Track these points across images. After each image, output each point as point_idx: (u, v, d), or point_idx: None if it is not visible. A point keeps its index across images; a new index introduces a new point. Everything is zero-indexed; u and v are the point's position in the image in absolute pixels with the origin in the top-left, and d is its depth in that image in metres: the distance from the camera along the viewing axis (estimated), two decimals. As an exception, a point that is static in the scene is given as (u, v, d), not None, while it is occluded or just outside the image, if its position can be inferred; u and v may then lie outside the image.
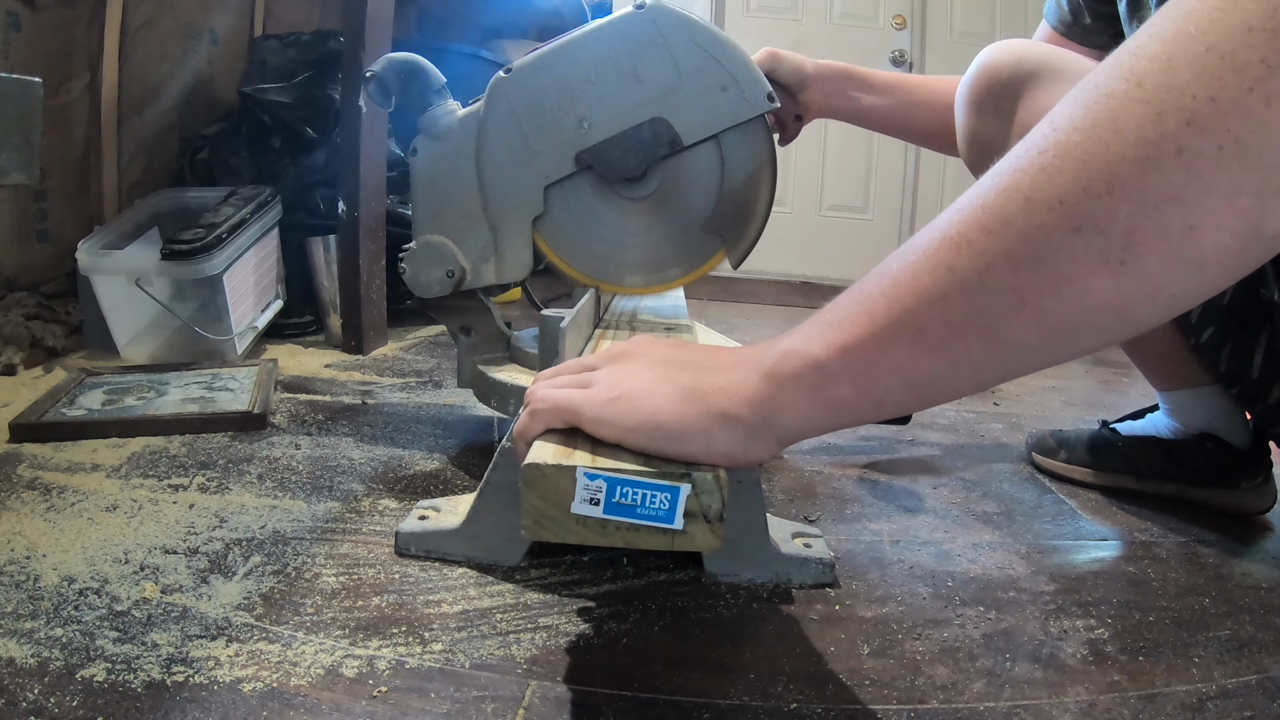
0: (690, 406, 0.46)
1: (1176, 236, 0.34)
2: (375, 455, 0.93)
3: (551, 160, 0.88)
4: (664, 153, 0.87)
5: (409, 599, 0.62)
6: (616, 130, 0.86)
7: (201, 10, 1.74)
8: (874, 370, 0.42)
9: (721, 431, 0.45)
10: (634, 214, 0.91)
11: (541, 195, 0.89)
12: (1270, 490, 0.89)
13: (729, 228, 0.90)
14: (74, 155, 1.50)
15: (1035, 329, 0.38)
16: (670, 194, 0.90)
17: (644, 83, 0.85)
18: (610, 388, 0.49)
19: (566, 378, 0.53)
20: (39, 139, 0.86)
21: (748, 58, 0.86)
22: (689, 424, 0.45)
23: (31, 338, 1.22)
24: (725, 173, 0.89)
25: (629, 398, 0.47)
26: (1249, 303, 0.80)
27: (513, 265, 0.92)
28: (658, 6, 0.85)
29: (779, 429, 0.45)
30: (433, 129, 0.90)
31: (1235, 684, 0.57)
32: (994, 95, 0.84)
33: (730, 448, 0.46)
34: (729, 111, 0.85)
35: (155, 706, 0.47)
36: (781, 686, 0.54)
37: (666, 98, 0.85)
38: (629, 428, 0.47)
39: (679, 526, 0.46)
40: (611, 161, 0.87)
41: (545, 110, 0.87)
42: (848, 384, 0.43)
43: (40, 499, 0.75)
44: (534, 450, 0.48)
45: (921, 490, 0.94)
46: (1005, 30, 2.85)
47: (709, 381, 0.47)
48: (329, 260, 1.46)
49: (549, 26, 2.68)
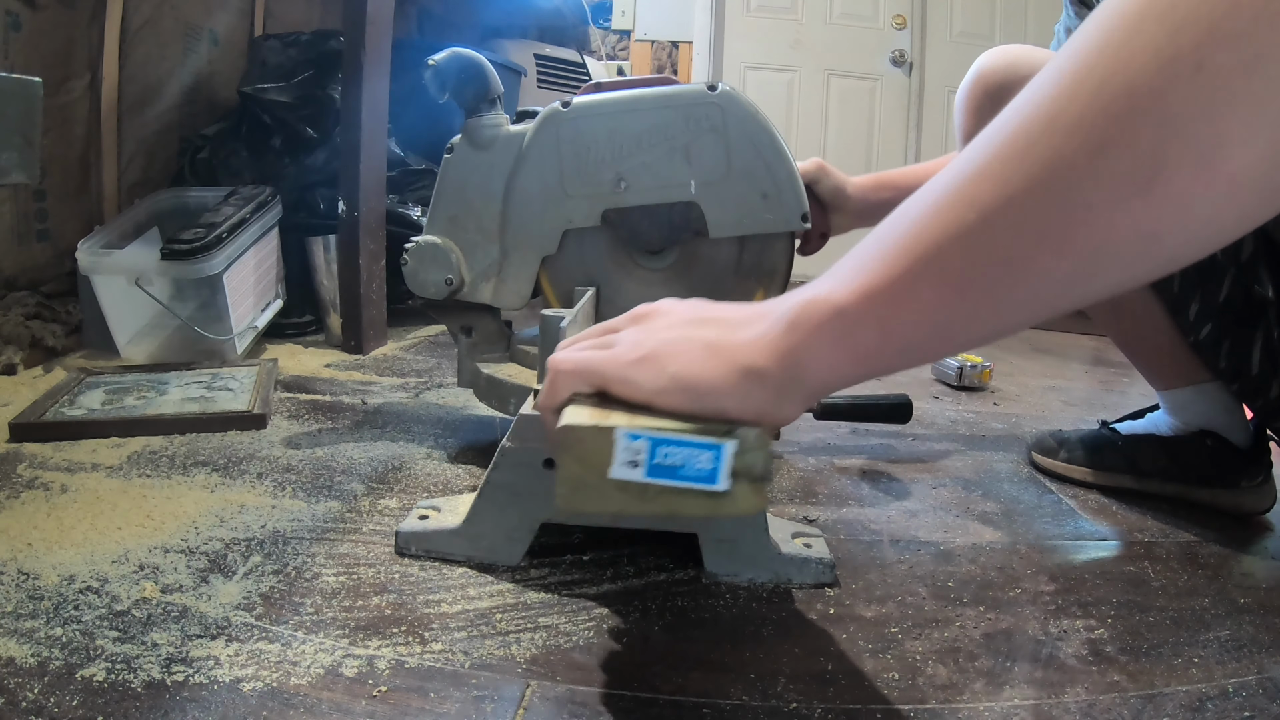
0: (718, 363, 0.44)
1: (1204, 154, 0.32)
2: (375, 455, 0.93)
3: (580, 208, 0.88)
4: (688, 238, 0.87)
5: (409, 599, 0.62)
6: (650, 200, 0.86)
7: (201, 10, 1.74)
8: (899, 314, 0.40)
9: (751, 387, 0.43)
10: (642, 282, 0.91)
11: (559, 237, 0.89)
12: (1270, 490, 0.89)
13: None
14: (74, 155, 1.49)
15: (1061, 261, 0.36)
16: (682, 272, 0.90)
17: (692, 164, 0.85)
18: (634, 347, 0.47)
19: (589, 341, 0.51)
20: (39, 139, 0.86)
21: (796, 172, 0.86)
22: (718, 381, 0.44)
23: (31, 337, 1.22)
24: (740, 266, 0.89)
25: (655, 357, 0.46)
26: (1245, 299, 0.80)
27: (511, 293, 0.92)
28: (730, 95, 0.84)
29: (807, 382, 0.43)
30: (476, 136, 0.89)
31: (1235, 684, 0.57)
32: (990, 98, 0.85)
33: (761, 405, 0.44)
34: (762, 220, 0.85)
35: (155, 706, 0.47)
36: (781, 686, 0.54)
37: (708, 186, 0.85)
38: (658, 389, 0.45)
39: (724, 488, 0.44)
40: (636, 229, 0.87)
41: (589, 158, 0.86)
42: (873, 330, 0.41)
43: (40, 498, 0.75)
44: (568, 413, 0.46)
45: (921, 490, 0.94)
46: (1005, 30, 2.86)
47: (734, 337, 0.45)
48: (329, 260, 1.46)
49: (549, 26, 2.68)
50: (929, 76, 2.96)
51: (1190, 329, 0.84)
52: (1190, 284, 0.82)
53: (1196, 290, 0.82)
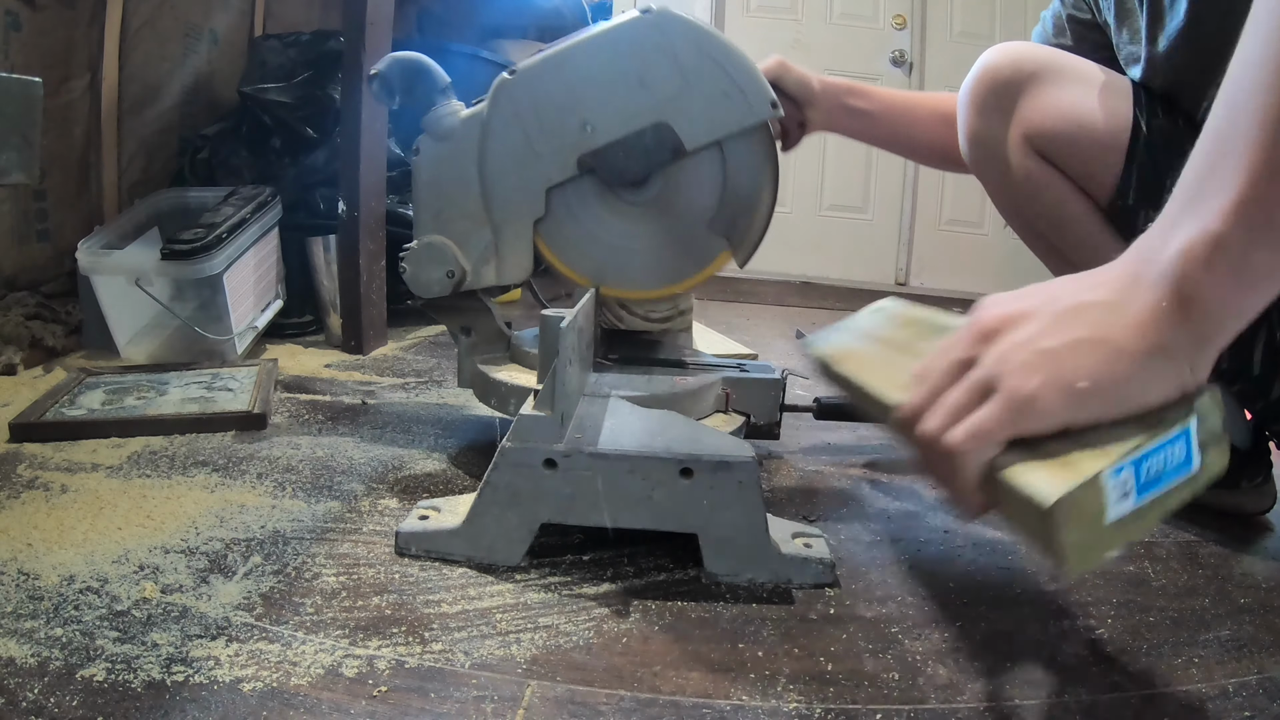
0: (1122, 358, 0.40)
1: None
2: (375, 455, 0.93)
3: (554, 163, 0.88)
4: (667, 158, 0.86)
5: (409, 599, 0.62)
6: (620, 134, 0.86)
7: (201, 10, 1.74)
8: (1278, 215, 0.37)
9: (1164, 366, 0.40)
10: (636, 218, 0.91)
11: (544, 198, 0.89)
12: (1270, 490, 0.89)
13: (733, 230, 0.90)
14: (74, 155, 1.50)
15: None
16: (673, 198, 0.90)
17: (648, 88, 0.85)
18: (1023, 377, 0.42)
19: (945, 386, 0.45)
20: (39, 139, 0.86)
21: (753, 65, 0.86)
22: (1132, 377, 0.40)
23: (31, 337, 1.23)
24: (728, 177, 0.89)
25: (1053, 381, 0.41)
26: None
27: (513, 267, 0.92)
28: (664, 13, 0.85)
29: (1217, 335, 0.40)
30: (436, 129, 0.90)
31: (1235, 684, 0.57)
32: (995, 95, 0.85)
33: (1180, 378, 0.41)
34: (732, 118, 0.85)
35: (155, 706, 0.47)
36: (781, 686, 0.54)
37: (671, 103, 0.85)
38: (1074, 411, 0.41)
39: (1197, 466, 0.42)
40: (614, 165, 0.87)
41: (549, 113, 0.87)
42: (1264, 245, 0.37)
43: (40, 498, 0.75)
44: (1032, 487, 0.41)
45: (922, 490, 0.94)
46: (1005, 30, 2.85)
47: (1122, 320, 0.41)
48: (329, 260, 1.46)
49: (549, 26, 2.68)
50: (929, 76, 2.96)
51: None
52: None
53: None
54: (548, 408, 0.66)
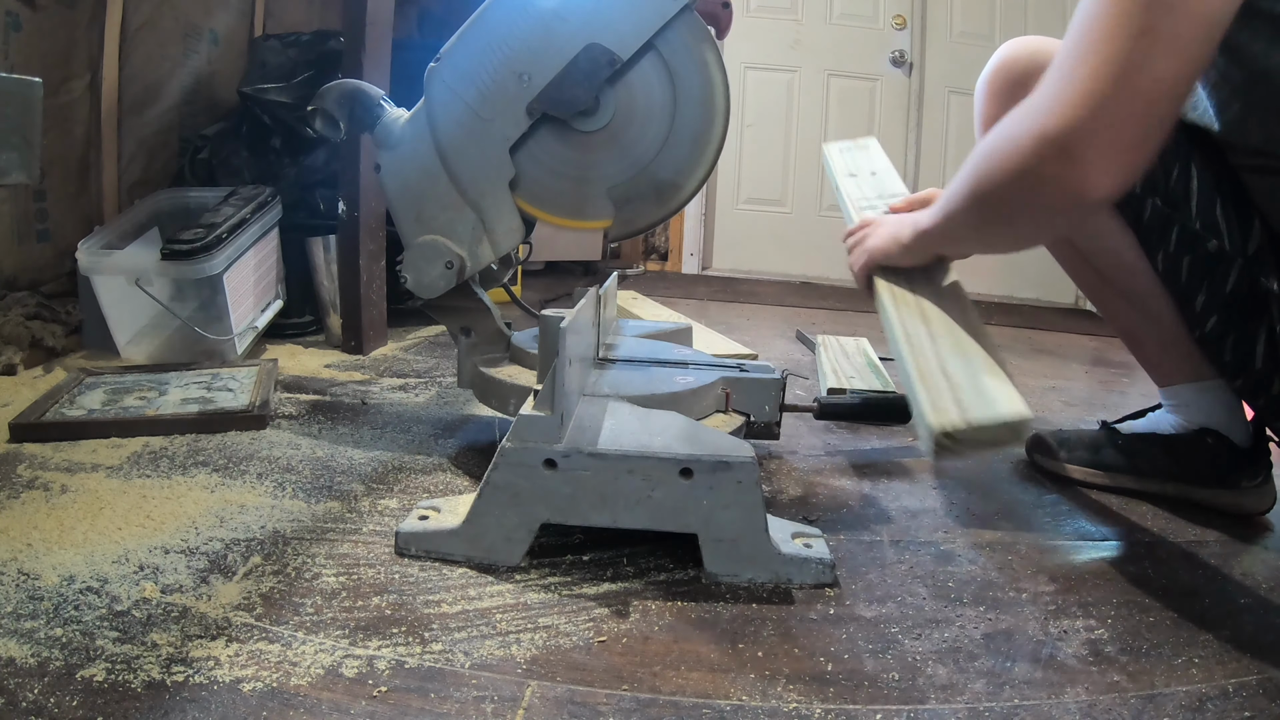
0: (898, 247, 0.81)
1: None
2: (375, 455, 0.93)
3: (506, 121, 0.89)
4: (607, 73, 0.87)
5: (409, 599, 0.62)
6: (555, 70, 0.87)
7: (201, 10, 1.74)
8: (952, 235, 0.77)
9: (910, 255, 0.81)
10: (599, 146, 0.91)
11: (509, 159, 0.90)
12: (1270, 490, 0.89)
13: (696, 133, 0.90)
14: (74, 155, 1.50)
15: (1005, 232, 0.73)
16: (629, 116, 0.90)
17: (565, 19, 0.86)
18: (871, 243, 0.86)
19: (852, 241, 0.90)
20: (39, 139, 0.86)
21: None
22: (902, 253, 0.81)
23: (31, 338, 1.22)
24: (674, 75, 0.88)
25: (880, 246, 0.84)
26: (1251, 291, 0.80)
27: (505, 234, 0.93)
28: None
29: (928, 251, 0.80)
30: (386, 140, 0.92)
31: (1235, 684, 0.57)
32: (1012, 84, 0.88)
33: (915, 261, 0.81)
34: (654, 12, 0.86)
35: (155, 706, 0.47)
36: (781, 686, 0.54)
37: (591, 24, 0.86)
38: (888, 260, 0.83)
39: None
40: (561, 100, 0.88)
41: (483, 79, 0.88)
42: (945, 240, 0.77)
43: (40, 498, 0.75)
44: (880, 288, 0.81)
45: (921, 490, 0.94)
46: (1005, 30, 2.85)
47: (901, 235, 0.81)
48: (329, 260, 1.46)
49: (549, 26, 2.67)
50: (929, 77, 2.96)
51: (1196, 322, 0.84)
52: (1197, 274, 0.82)
53: (1204, 280, 0.82)
54: (548, 408, 0.66)
